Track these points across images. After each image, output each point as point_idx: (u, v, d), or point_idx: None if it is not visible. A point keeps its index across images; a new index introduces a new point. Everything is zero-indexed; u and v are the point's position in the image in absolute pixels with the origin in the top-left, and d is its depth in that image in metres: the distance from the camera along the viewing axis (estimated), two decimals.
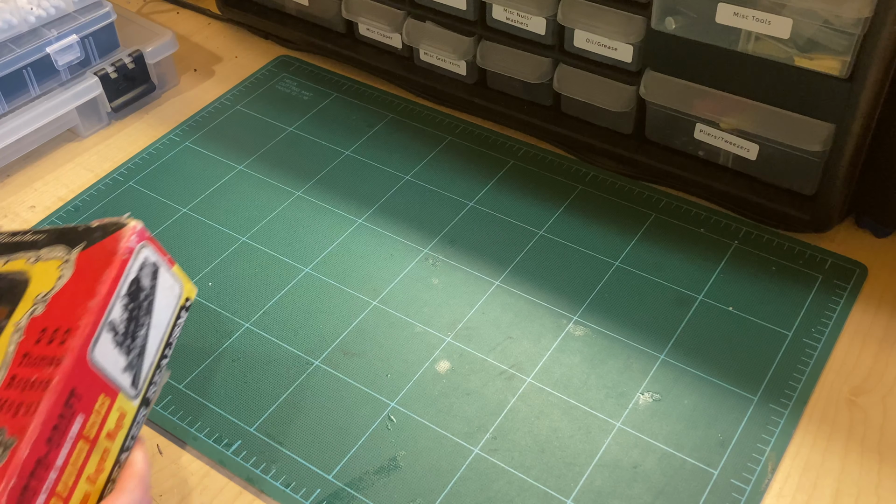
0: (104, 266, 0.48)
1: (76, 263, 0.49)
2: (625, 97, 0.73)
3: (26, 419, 0.43)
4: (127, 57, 0.84)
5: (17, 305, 0.49)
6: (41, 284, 0.49)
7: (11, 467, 0.41)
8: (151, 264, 0.50)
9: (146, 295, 0.50)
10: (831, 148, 0.64)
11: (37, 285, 0.49)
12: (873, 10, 0.57)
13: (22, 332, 0.47)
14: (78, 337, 0.45)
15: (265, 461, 0.57)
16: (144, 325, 0.50)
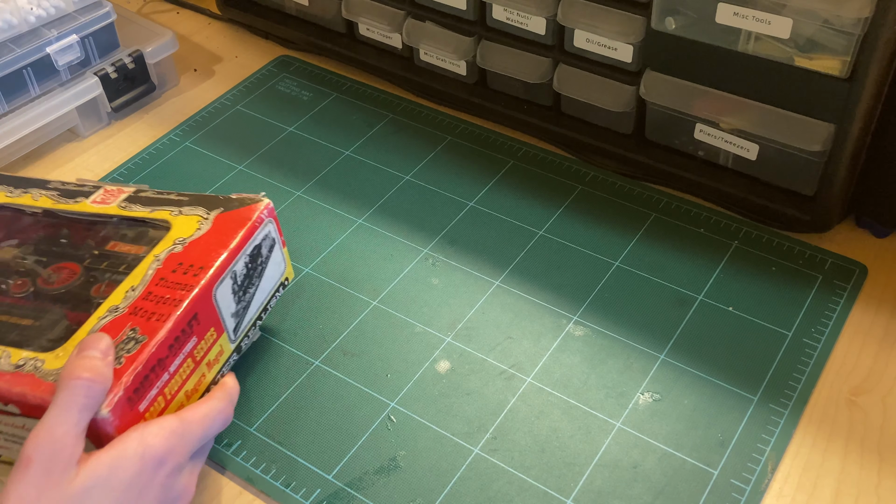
0: (238, 227, 0.58)
1: (214, 222, 0.58)
2: (625, 97, 0.73)
3: (157, 324, 0.51)
4: (127, 57, 0.84)
5: (158, 244, 0.57)
6: (181, 231, 0.58)
7: (141, 357, 0.50)
8: (271, 238, 0.60)
9: (262, 262, 0.60)
10: (831, 148, 0.64)
11: (177, 231, 0.58)
12: (873, 10, 0.57)
13: (160, 262, 0.56)
14: (209, 274, 0.55)
15: (265, 461, 0.57)
16: (254, 285, 0.59)
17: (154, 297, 0.53)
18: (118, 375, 0.48)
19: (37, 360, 0.51)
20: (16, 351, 0.52)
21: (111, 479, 0.43)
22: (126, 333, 0.51)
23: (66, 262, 0.59)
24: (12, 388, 0.49)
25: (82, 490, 0.42)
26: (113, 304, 0.53)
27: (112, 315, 0.53)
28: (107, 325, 0.52)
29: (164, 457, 0.46)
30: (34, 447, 0.43)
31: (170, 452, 0.47)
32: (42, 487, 0.42)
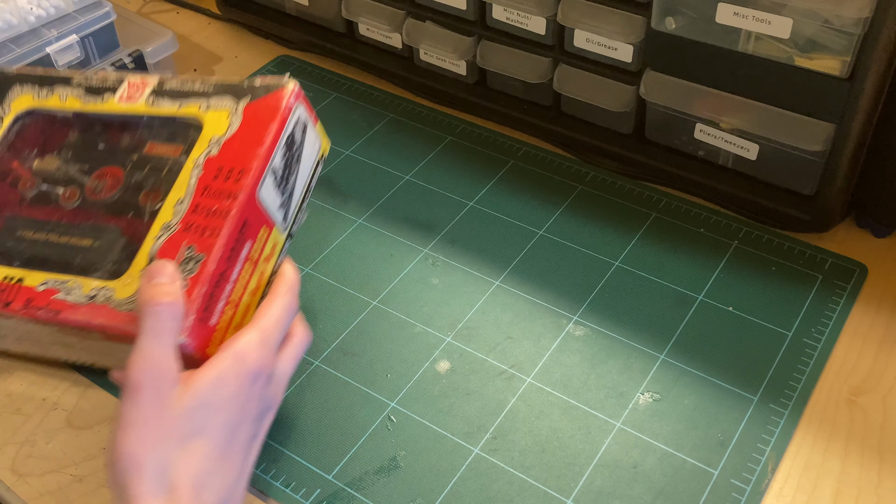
0: (268, 120, 0.57)
1: (243, 114, 0.58)
2: (625, 97, 0.73)
3: (211, 240, 0.53)
4: (127, 57, 0.84)
5: (194, 145, 0.58)
6: (214, 129, 0.58)
7: (203, 277, 0.51)
8: (303, 122, 0.60)
9: (297, 147, 0.59)
10: (831, 148, 0.64)
11: (210, 129, 0.58)
12: (873, 10, 0.57)
13: (201, 168, 0.56)
14: (250, 177, 0.55)
15: (265, 461, 0.57)
16: (294, 172, 0.59)
17: (202, 209, 0.54)
18: (186, 300, 0.50)
19: (107, 289, 0.53)
20: (85, 280, 0.54)
21: (215, 398, 0.46)
22: (184, 253, 0.53)
23: (108, 166, 0.60)
24: (91, 321, 0.53)
25: (193, 407, 0.45)
26: (165, 222, 0.55)
27: (166, 233, 0.54)
28: (163, 245, 0.54)
29: (258, 370, 0.49)
30: (140, 373, 0.45)
31: (261, 366, 0.49)
32: (157, 407, 0.45)
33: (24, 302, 0.55)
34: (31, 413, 0.60)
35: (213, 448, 0.46)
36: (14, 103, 0.65)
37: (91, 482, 0.56)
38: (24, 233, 0.60)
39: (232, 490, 0.46)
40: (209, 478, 0.45)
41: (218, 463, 0.46)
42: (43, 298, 0.55)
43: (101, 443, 0.58)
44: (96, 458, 0.57)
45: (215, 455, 0.46)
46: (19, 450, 0.58)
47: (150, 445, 0.44)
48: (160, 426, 0.45)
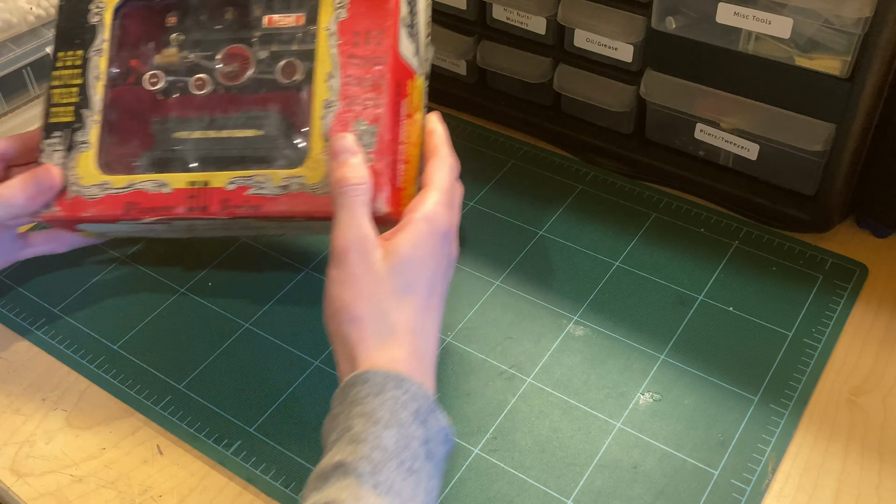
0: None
1: None
2: (625, 97, 0.73)
3: (377, 111, 0.55)
4: None
5: (316, 12, 0.58)
6: None
7: (382, 148, 0.54)
8: None
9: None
10: (831, 148, 0.64)
11: None
12: (873, 9, 0.57)
13: (336, 35, 0.57)
14: (389, 37, 0.56)
15: (265, 461, 0.57)
16: (416, 12, 0.59)
17: (355, 79, 0.56)
18: (376, 175, 0.54)
19: (296, 177, 0.56)
20: (271, 172, 0.56)
21: (416, 258, 0.51)
22: (356, 128, 0.55)
23: (231, 47, 0.60)
24: (294, 209, 0.56)
25: (398, 265, 0.50)
26: (324, 98, 0.56)
27: (331, 110, 0.56)
28: (333, 123, 0.55)
29: (447, 230, 0.53)
30: (344, 240, 0.51)
31: (449, 224, 0.54)
32: (365, 267, 0.50)
33: (221, 204, 0.57)
34: (30, 413, 0.60)
35: (420, 301, 0.51)
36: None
37: (91, 482, 0.56)
38: (179, 134, 0.60)
39: (434, 337, 0.52)
40: (420, 326, 0.50)
41: (425, 313, 0.51)
42: (237, 196, 0.57)
43: (101, 443, 0.58)
44: (96, 458, 0.57)
45: (422, 307, 0.51)
46: (19, 450, 0.58)
47: (365, 298, 0.49)
48: (371, 282, 0.50)
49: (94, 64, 0.61)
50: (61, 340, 0.65)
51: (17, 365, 0.63)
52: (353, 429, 0.46)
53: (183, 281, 0.69)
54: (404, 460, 0.45)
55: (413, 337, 0.50)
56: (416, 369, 0.49)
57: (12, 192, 0.58)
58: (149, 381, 0.62)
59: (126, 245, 0.72)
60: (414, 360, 0.49)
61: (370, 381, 0.47)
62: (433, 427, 0.47)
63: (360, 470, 0.43)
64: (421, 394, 0.47)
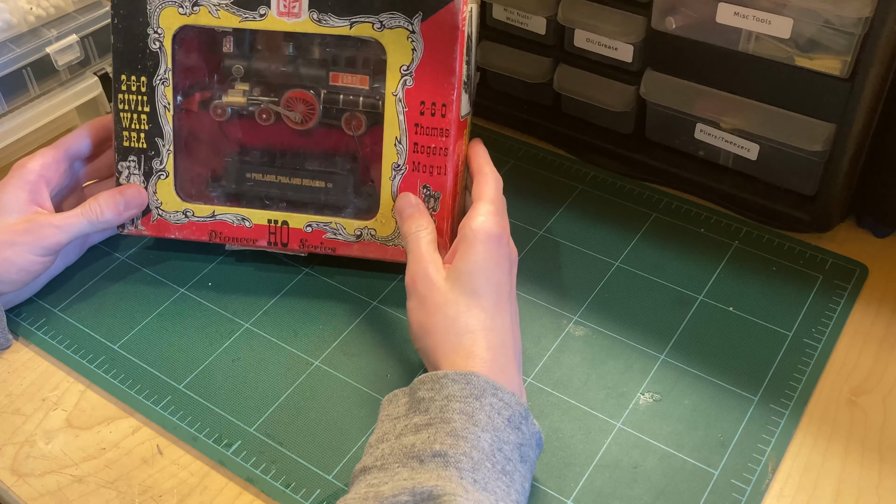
0: (451, 42, 0.60)
1: (423, 36, 0.60)
2: (625, 97, 0.73)
3: (441, 178, 0.62)
4: None
5: (385, 76, 0.62)
6: (398, 58, 0.61)
7: (445, 211, 0.63)
8: (470, 10, 0.62)
9: (471, 39, 0.63)
10: (832, 148, 0.64)
11: (394, 58, 0.61)
12: (874, 9, 0.57)
13: (403, 103, 0.62)
14: (453, 109, 0.61)
15: (265, 461, 0.57)
16: (471, 62, 0.63)
17: (422, 147, 0.62)
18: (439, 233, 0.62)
19: (368, 229, 0.64)
20: (345, 221, 0.65)
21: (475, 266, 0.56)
22: (422, 192, 0.62)
23: (296, 91, 0.65)
24: (367, 254, 0.65)
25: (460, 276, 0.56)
26: (392, 162, 0.62)
27: (399, 173, 0.62)
28: (401, 185, 0.63)
29: (500, 234, 0.58)
30: (412, 274, 0.58)
31: (502, 229, 0.58)
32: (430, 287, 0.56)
33: (300, 243, 0.66)
34: (30, 413, 0.60)
35: (489, 301, 0.55)
36: (162, 21, 0.63)
37: (91, 482, 0.56)
38: (254, 175, 0.67)
39: (510, 331, 0.55)
40: (493, 322, 0.54)
41: (496, 311, 0.55)
42: (315, 238, 0.65)
43: (101, 443, 0.58)
44: (96, 458, 0.57)
45: (491, 306, 0.55)
46: (19, 450, 0.58)
47: (434, 312, 0.55)
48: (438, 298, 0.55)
49: (160, 93, 0.65)
50: (61, 340, 0.65)
51: (17, 365, 0.63)
52: (452, 422, 0.48)
53: (183, 281, 0.69)
54: (497, 461, 0.48)
55: (485, 334, 0.53)
56: (494, 363, 0.52)
57: (103, 209, 0.64)
58: (149, 381, 0.62)
59: (126, 246, 0.72)
60: (489, 353, 0.53)
61: (472, 383, 0.50)
62: (527, 432, 0.51)
63: (462, 465, 0.46)
64: (514, 402, 0.50)
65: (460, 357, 0.52)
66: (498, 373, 0.52)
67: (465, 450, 0.47)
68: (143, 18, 0.63)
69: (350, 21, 0.61)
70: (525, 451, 0.50)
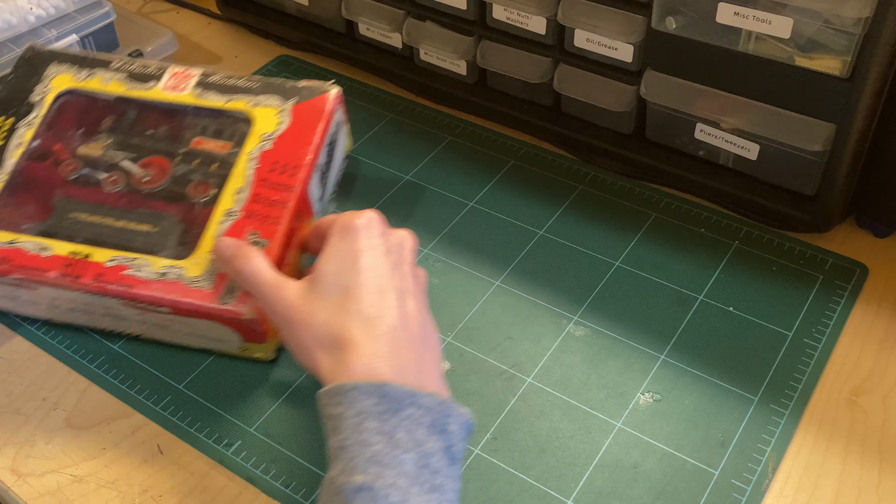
0: (316, 121, 0.63)
1: (292, 113, 0.63)
2: (625, 97, 0.73)
3: (273, 227, 0.58)
4: (127, 57, 0.84)
5: (243, 141, 0.62)
6: (263, 126, 0.63)
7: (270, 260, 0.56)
8: (339, 123, 0.66)
9: (334, 145, 0.66)
10: (832, 148, 0.64)
11: (260, 126, 0.63)
12: (874, 9, 0.57)
13: (256, 161, 0.61)
14: (303, 173, 0.61)
15: (265, 461, 0.57)
16: (331, 168, 0.66)
17: (262, 198, 0.59)
18: None
19: (177, 267, 0.58)
20: (153, 259, 0.59)
21: (334, 261, 0.51)
22: (248, 237, 0.58)
23: (154, 157, 0.64)
24: (165, 296, 0.57)
25: (318, 280, 0.51)
26: (227, 209, 0.59)
27: (230, 219, 0.59)
28: (228, 229, 0.59)
29: (360, 224, 0.53)
30: (271, 310, 0.52)
31: (365, 219, 0.53)
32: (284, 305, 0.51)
33: (95, 276, 0.59)
34: (31, 413, 0.60)
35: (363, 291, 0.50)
36: (54, 81, 0.66)
37: (91, 482, 0.56)
38: (78, 215, 0.62)
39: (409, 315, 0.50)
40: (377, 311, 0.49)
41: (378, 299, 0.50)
42: (113, 273, 0.58)
43: (101, 443, 0.58)
44: (96, 458, 0.57)
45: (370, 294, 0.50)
46: (19, 450, 0.58)
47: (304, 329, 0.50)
48: (297, 313, 0.50)
49: (19, 133, 0.65)
50: (61, 340, 0.65)
51: (17, 365, 0.63)
52: (371, 446, 0.44)
53: None
54: (425, 481, 0.44)
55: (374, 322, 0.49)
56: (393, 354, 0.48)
57: None
58: (149, 381, 0.62)
59: None
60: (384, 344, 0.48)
61: (387, 396, 0.46)
62: (453, 428, 0.47)
63: (391, 499, 0.43)
64: (433, 403, 0.46)
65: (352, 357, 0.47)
66: (398, 362, 0.48)
67: (391, 479, 0.43)
68: (36, 77, 0.67)
69: (228, 97, 0.65)
70: (454, 451, 0.47)
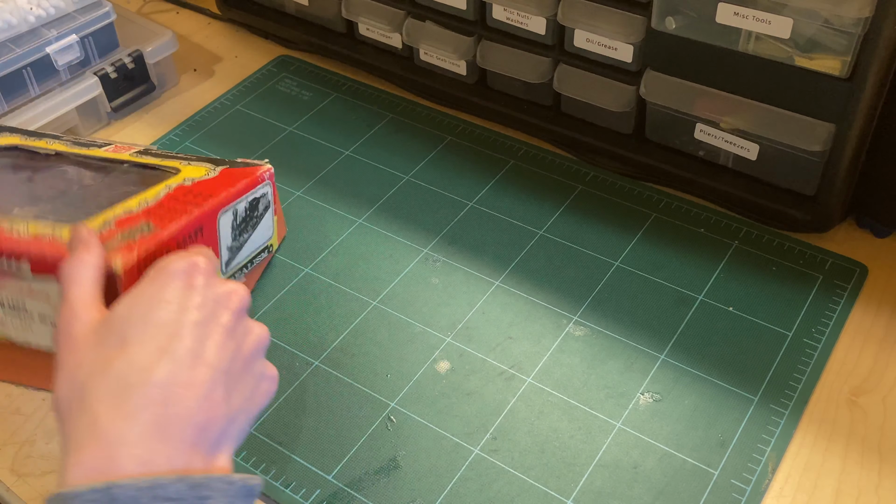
0: (241, 178, 0.63)
1: (220, 173, 0.64)
2: (625, 97, 0.73)
3: (169, 222, 0.56)
4: (127, 57, 0.84)
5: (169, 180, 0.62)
6: (190, 173, 0.63)
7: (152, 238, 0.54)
8: (268, 199, 0.66)
9: (258, 215, 0.65)
10: (831, 148, 0.64)
11: (186, 173, 0.63)
12: (873, 9, 0.57)
13: (172, 189, 0.61)
14: (216, 200, 0.60)
15: (265, 461, 0.57)
16: (248, 233, 0.65)
17: (166, 207, 0.58)
18: (129, 248, 0.52)
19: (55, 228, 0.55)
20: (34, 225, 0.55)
21: (133, 305, 0.43)
22: (140, 224, 0.55)
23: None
24: (31, 248, 0.53)
25: (108, 319, 0.43)
26: (128, 207, 0.57)
27: (127, 213, 0.57)
28: (121, 218, 0.56)
29: (180, 269, 0.45)
30: (56, 335, 0.44)
31: (188, 264, 0.46)
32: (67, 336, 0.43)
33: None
34: (31, 413, 0.60)
35: (140, 349, 0.41)
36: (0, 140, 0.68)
37: None
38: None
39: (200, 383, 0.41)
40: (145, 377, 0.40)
41: (156, 359, 0.40)
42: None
43: None
44: None
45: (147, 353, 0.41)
46: (19, 450, 0.58)
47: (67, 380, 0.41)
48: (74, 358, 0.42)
49: None
50: None
51: None
52: None
53: None
54: None
55: (129, 395, 0.39)
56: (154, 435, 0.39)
57: None
58: None
59: None
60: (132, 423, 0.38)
61: (116, 499, 0.36)
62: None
63: None
64: (183, 490, 0.37)
65: (87, 446, 0.38)
66: (156, 446, 0.38)
67: None
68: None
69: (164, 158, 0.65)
70: None
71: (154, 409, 0.39)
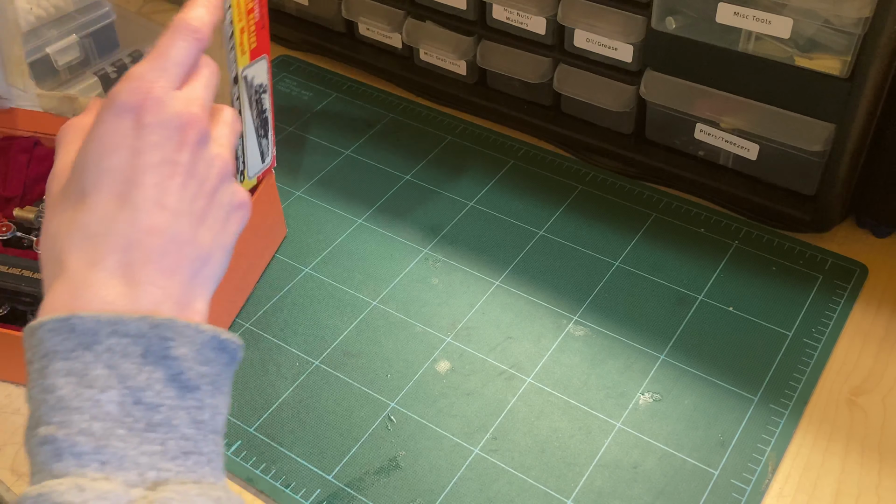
0: None
1: None
2: (625, 97, 0.73)
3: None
4: (127, 57, 0.84)
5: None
6: None
7: None
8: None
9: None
10: (831, 148, 0.64)
11: None
12: (873, 9, 0.57)
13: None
14: None
15: (265, 461, 0.57)
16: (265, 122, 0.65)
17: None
18: None
19: None
20: None
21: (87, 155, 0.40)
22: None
23: None
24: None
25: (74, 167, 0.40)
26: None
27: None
28: None
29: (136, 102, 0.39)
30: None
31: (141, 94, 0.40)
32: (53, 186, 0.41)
33: None
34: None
35: (97, 200, 0.39)
36: None
37: None
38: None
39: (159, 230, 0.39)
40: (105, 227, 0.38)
41: (115, 210, 0.39)
42: None
43: None
44: None
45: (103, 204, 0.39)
46: (19, 450, 0.58)
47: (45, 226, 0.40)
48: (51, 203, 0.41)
49: None
50: None
51: None
52: (57, 391, 0.36)
53: None
54: (137, 419, 0.36)
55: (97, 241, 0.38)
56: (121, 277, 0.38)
57: None
58: None
59: None
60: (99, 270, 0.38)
61: (76, 330, 0.36)
62: (179, 352, 0.37)
63: (80, 448, 0.35)
64: (146, 328, 0.37)
65: (57, 288, 0.38)
66: (122, 290, 0.38)
67: (81, 425, 0.35)
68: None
69: None
70: (185, 378, 0.37)
71: (118, 255, 0.38)
